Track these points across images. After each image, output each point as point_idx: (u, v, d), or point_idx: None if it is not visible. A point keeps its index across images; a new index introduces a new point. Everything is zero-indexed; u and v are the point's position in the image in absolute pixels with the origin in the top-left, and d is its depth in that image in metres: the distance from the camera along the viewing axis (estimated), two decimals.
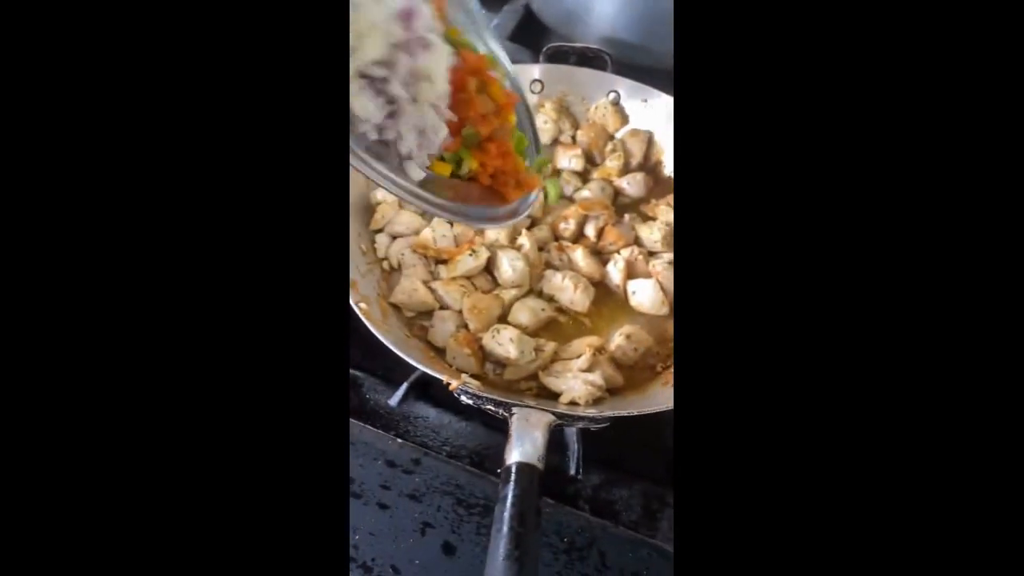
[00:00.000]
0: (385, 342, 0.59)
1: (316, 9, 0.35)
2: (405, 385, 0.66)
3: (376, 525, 0.65)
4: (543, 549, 0.64)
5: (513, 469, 0.47)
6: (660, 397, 0.62)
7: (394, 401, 0.67)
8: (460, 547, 0.64)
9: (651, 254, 0.76)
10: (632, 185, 0.85)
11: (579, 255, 0.73)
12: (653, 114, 0.88)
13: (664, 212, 0.80)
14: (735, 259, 0.34)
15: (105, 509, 0.32)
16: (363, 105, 0.46)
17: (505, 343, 0.65)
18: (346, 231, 0.68)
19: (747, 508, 0.32)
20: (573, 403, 0.62)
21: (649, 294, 0.71)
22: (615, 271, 0.74)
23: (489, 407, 0.54)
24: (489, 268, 0.73)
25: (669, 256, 0.74)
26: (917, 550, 0.31)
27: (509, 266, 0.71)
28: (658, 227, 0.77)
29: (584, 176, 0.86)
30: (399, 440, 0.67)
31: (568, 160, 0.87)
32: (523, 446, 0.48)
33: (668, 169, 0.88)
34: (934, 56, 0.33)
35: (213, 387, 0.33)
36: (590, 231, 0.77)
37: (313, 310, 0.35)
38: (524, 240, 0.73)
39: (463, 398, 0.58)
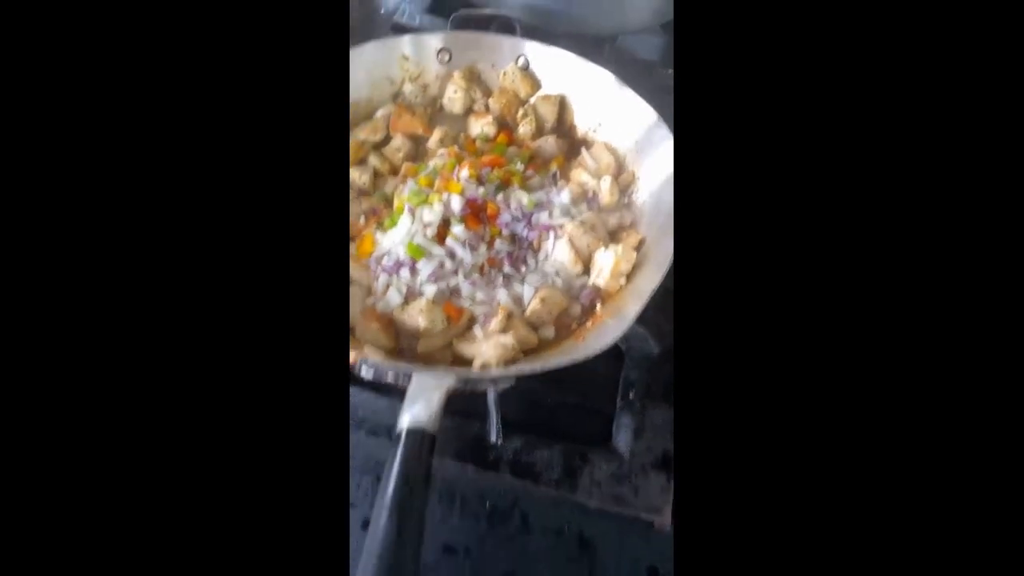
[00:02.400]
0: None
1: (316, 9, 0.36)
2: None
3: None
4: (465, 517, 0.64)
5: (402, 435, 0.46)
6: (571, 352, 0.63)
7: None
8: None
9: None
10: (545, 148, 0.84)
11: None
12: (562, 77, 0.87)
13: (577, 174, 0.80)
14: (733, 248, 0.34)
15: (104, 508, 0.31)
16: None
17: (414, 314, 0.64)
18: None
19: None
20: (485, 366, 0.61)
21: (563, 254, 0.71)
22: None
23: (388, 379, 0.53)
24: None
25: (582, 217, 0.73)
26: (908, 530, 0.31)
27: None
28: (569, 188, 0.77)
29: (495, 140, 0.85)
30: None
31: (480, 127, 0.86)
32: (413, 410, 0.48)
33: (580, 131, 0.87)
34: (932, 59, 0.33)
35: (204, 376, 0.33)
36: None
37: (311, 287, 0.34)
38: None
39: (363, 373, 0.56)
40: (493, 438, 0.64)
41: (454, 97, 0.88)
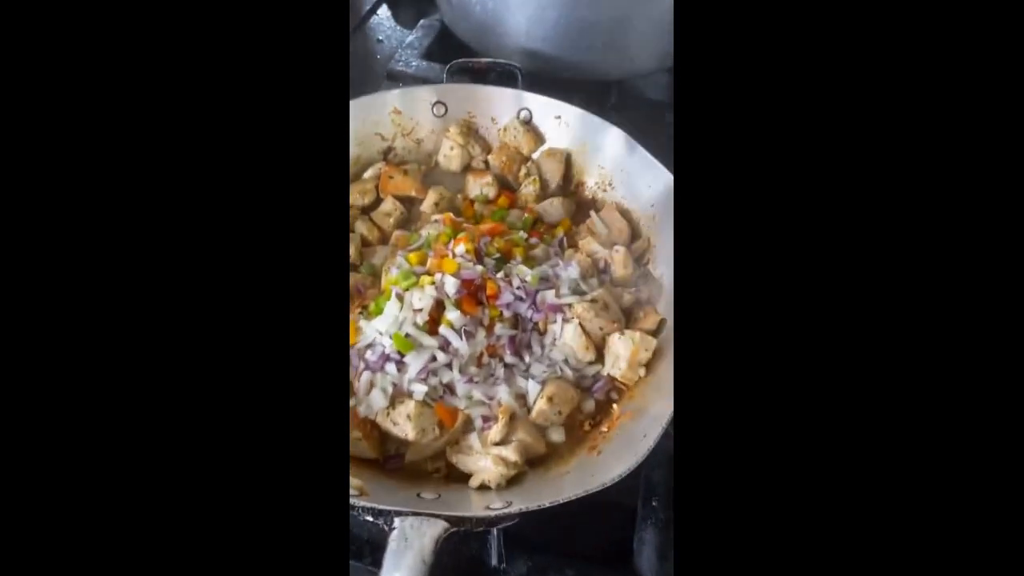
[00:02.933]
0: None
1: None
2: None
3: None
4: None
5: None
6: (586, 471, 0.53)
7: None
8: None
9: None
10: (550, 211, 0.76)
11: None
12: (568, 131, 0.80)
13: (587, 243, 0.72)
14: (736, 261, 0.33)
15: (102, 508, 0.31)
16: None
17: (401, 421, 0.55)
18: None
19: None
20: (484, 487, 0.52)
21: (573, 339, 0.63)
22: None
23: (367, 518, 0.44)
24: None
25: (593, 294, 0.65)
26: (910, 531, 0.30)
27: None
28: (578, 261, 0.68)
29: (495, 203, 0.77)
30: None
31: (479, 188, 0.78)
32: (400, 571, 0.39)
33: (589, 190, 0.80)
34: (932, 63, 0.33)
35: (207, 384, 0.32)
36: None
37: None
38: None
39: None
40: (494, 562, 0.55)
41: (450, 154, 0.80)
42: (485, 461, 0.53)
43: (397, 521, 0.43)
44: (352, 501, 0.44)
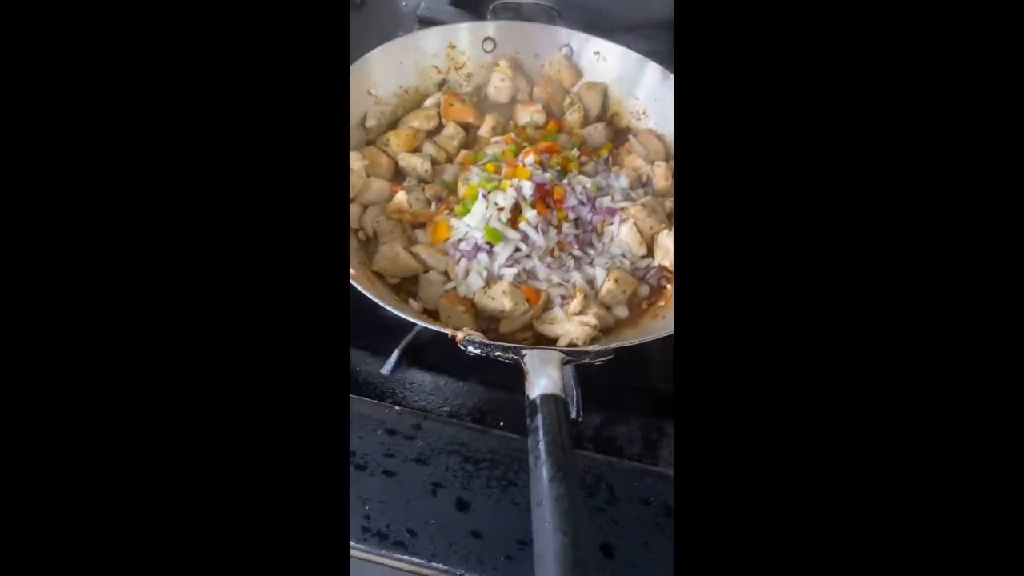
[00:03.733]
0: (383, 304, 0.57)
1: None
2: (397, 352, 0.65)
3: (385, 493, 0.64)
4: None
5: (539, 401, 0.47)
6: (653, 328, 0.65)
7: (387, 369, 0.66)
8: (473, 501, 0.65)
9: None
10: (594, 135, 0.86)
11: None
12: (605, 66, 0.89)
13: (631, 160, 0.82)
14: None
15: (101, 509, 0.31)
16: None
17: (498, 296, 0.65)
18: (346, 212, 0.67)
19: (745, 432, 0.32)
20: (572, 344, 0.63)
21: (628, 236, 0.73)
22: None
23: (498, 354, 0.54)
24: None
25: (642, 200, 0.76)
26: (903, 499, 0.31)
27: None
28: (626, 174, 0.79)
29: (544, 128, 0.87)
30: (397, 408, 0.67)
31: (529, 115, 0.87)
32: (541, 381, 0.49)
33: (625, 120, 0.90)
34: (932, 60, 0.33)
35: (208, 373, 0.32)
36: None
37: (313, 285, 0.34)
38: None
39: (470, 349, 0.57)
40: (574, 414, 0.66)
41: (500, 86, 0.89)
42: (570, 326, 0.64)
43: (525, 352, 0.53)
44: (481, 340, 0.54)
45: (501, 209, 0.69)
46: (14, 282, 0.31)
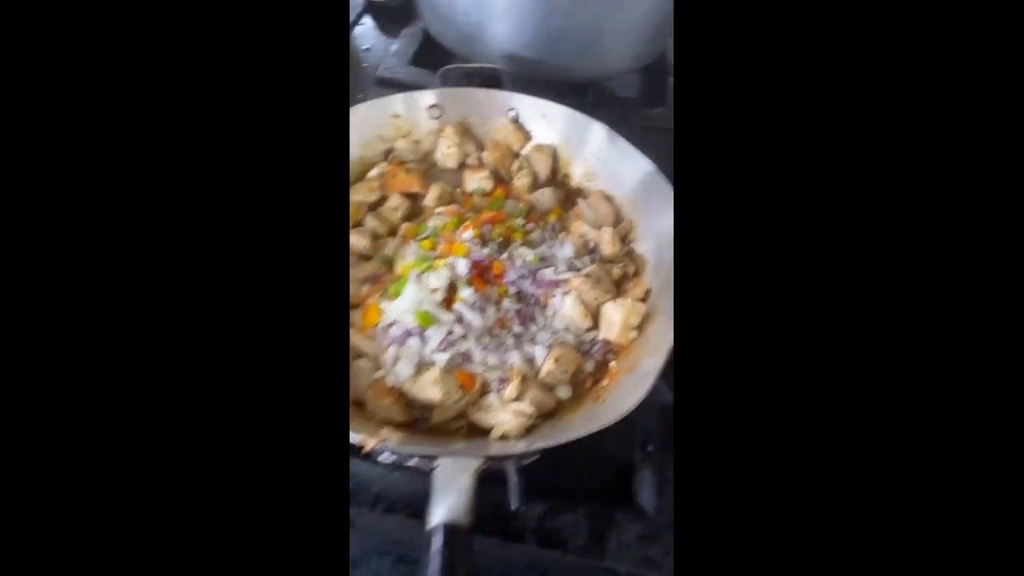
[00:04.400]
0: None
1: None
2: None
3: None
4: None
5: (439, 531, 0.44)
6: (595, 413, 0.61)
7: None
8: None
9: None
10: (542, 200, 0.84)
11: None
12: (554, 128, 0.88)
13: (577, 226, 0.80)
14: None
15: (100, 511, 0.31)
16: None
17: (428, 386, 0.62)
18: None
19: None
20: (504, 437, 0.60)
21: (572, 309, 0.71)
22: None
23: (412, 462, 0.51)
24: None
25: (586, 270, 0.73)
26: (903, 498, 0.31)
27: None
28: (571, 241, 0.77)
29: (491, 195, 0.85)
30: None
31: (477, 182, 0.85)
32: (447, 501, 0.46)
33: (575, 181, 0.88)
34: (931, 66, 0.33)
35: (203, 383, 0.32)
36: None
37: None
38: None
39: (382, 458, 0.54)
40: (515, 505, 0.63)
41: (448, 152, 0.88)
42: (504, 415, 0.61)
43: (440, 462, 0.50)
44: (394, 447, 0.51)
45: (435, 290, 0.67)
46: (11, 283, 0.31)
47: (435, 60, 1.08)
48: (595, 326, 0.71)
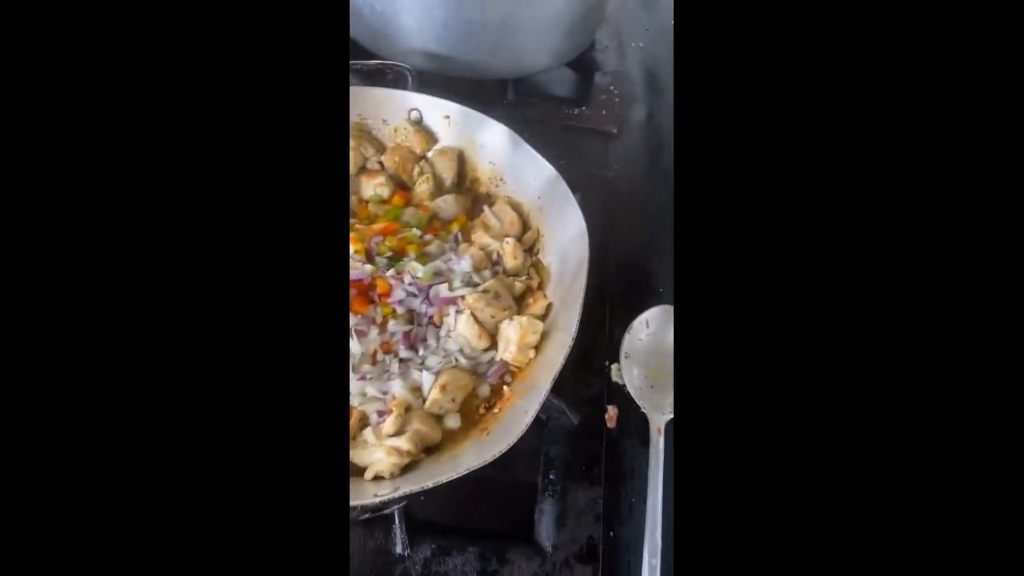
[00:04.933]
0: None
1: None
2: None
3: None
4: None
5: None
6: (480, 449, 0.56)
7: None
8: None
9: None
10: (444, 208, 0.78)
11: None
12: (457, 129, 0.82)
13: (479, 236, 0.74)
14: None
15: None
16: None
17: None
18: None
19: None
20: (378, 477, 0.54)
21: (466, 328, 0.65)
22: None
23: None
24: None
25: (484, 284, 0.68)
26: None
27: None
28: (471, 254, 0.71)
29: (389, 202, 0.79)
30: None
31: (372, 188, 0.79)
32: None
33: (484, 186, 0.82)
34: (930, 70, 0.33)
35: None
36: None
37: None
38: None
39: None
40: (399, 550, 0.57)
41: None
42: (379, 453, 0.55)
43: None
44: None
45: None
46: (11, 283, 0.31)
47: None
48: (493, 347, 0.66)
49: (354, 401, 0.59)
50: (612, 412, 0.59)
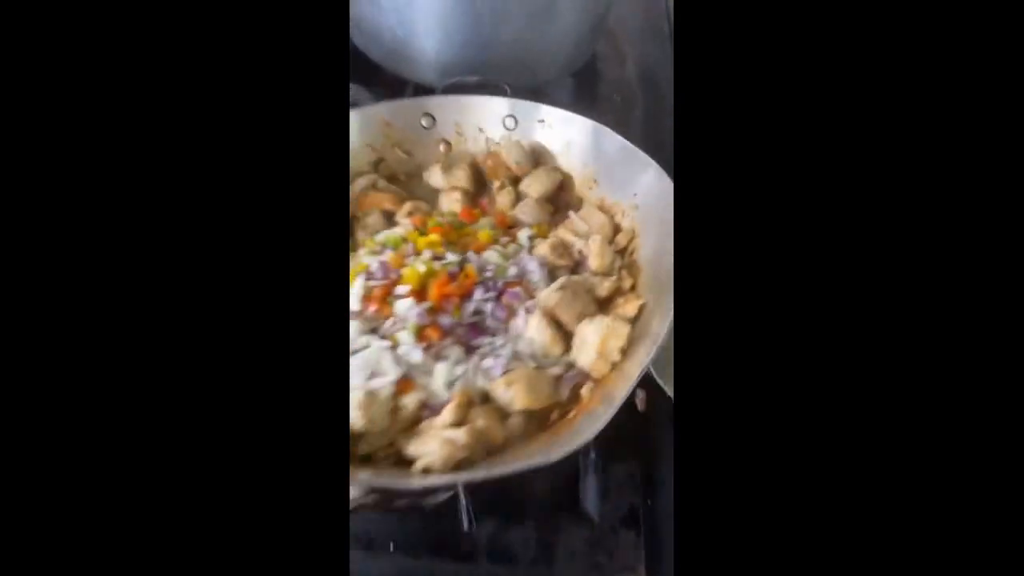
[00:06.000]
0: None
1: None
2: None
3: None
4: None
5: None
6: (540, 455, 0.49)
7: None
8: None
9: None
10: (527, 211, 0.75)
11: None
12: (552, 133, 0.79)
13: (564, 233, 0.70)
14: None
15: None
16: None
17: (351, 412, 0.53)
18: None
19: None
20: (427, 470, 0.49)
21: (537, 332, 0.59)
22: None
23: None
24: None
25: (559, 282, 0.62)
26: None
27: None
28: (548, 251, 0.66)
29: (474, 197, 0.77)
30: None
31: (448, 204, 0.77)
32: None
33: (577, 188, 0.78)
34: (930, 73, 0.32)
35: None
36: None
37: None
38: None
39: None
40: (465, 526, 0.52)
41: (435, 175, 0.81)
42: (433, 443, 0.50)
43: None
44: None
45: None
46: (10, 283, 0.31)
47: (366, 76, 0.98)
48: (567, 351, 0.59)
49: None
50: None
